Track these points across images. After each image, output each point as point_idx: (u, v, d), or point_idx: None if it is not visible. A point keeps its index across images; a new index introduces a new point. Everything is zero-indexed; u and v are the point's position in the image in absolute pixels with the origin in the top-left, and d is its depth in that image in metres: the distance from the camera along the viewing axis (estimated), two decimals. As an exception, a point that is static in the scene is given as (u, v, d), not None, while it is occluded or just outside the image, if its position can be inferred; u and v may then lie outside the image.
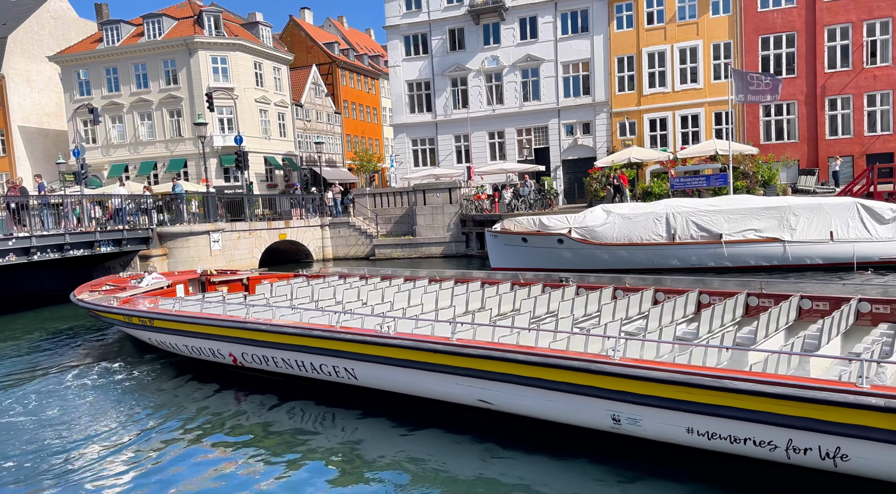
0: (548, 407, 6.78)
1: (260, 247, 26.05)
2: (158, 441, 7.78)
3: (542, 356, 6.59)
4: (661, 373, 5.83)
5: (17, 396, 10.19)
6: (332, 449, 7.15)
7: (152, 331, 11.37)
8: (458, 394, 7.45)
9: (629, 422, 6.26)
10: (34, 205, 18.61)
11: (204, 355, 10.68)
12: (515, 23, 34.70)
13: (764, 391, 5.39)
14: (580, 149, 34.43)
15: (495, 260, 19.96)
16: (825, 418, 5.24)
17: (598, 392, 6.28)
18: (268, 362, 9.56)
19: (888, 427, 5.00)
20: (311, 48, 53.47)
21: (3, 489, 6.77)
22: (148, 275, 14.51)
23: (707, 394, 5.66)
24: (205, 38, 39.50)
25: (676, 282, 10.04)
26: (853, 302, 8.18)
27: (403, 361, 7.76)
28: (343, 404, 8.55)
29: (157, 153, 41.17)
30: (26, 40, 45.21)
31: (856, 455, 5.27)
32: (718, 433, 5.79)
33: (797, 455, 5.51)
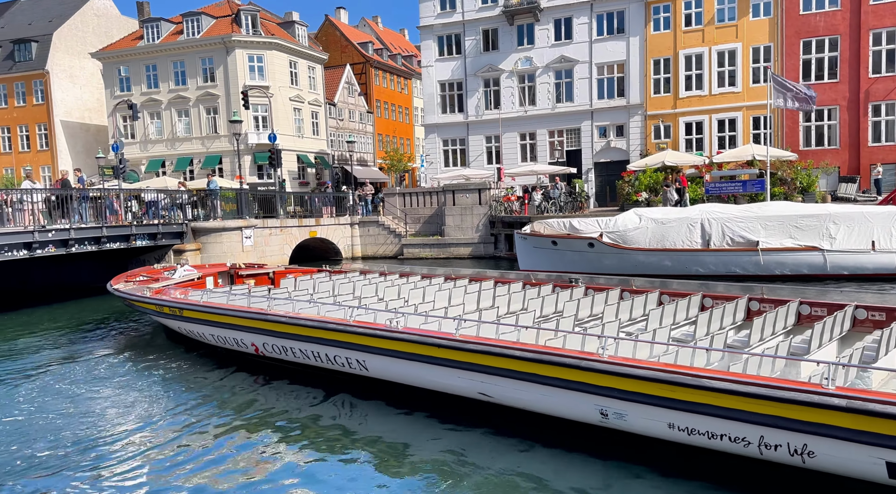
0: (542, 401, 7.19)
1: (291, 244, 26.33)
2: (185, 425, 8.21)
3: (536, 352, 6.97)
4: (645, 371, 6.23)
5: (56, 380, 10.51)
6: (344, 436, 7.59)
7: (181, 321, 11.90)
8: (460, 387, 7.93)
9: (616, 417, 6.63)
10: (75, 198, 19.09)
11: (228, 344, 11.19)
12: (550, 23, 34.46)
13: (737, 390, 5.75)
14: (613, 152, 34.02)
15: (524, 262, 19.82)
16: (793, 416, 5.59)
17: (587, 387, 6.65)
18: (286, 352, 10.05)
19: (850, 426, 5.35)
20: (345, 48, 53.90)
21: (41, 473, 6.95)
22: (180, 267, 15.10)
23: (686, 392, 6.03)
24: (242, 36, 40.11)
25: (682, 286, 10.26)
26: (849, 308, 8.42)
27: (410, 354, 8.20)
28: (355, 394, 8.98)
29: (194, 149, 41.94)
30: (70, 37, 46.50)
31: (821, 452, 5.62)
32: (697, 429, 6.16)
33: (768, 451, 5.88)
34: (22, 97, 45.79)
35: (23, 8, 51.00)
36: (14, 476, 6.97)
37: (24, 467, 7.19)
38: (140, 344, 13.33)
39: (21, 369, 11.65)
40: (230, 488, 6.40)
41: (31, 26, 47.61)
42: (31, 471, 7.05)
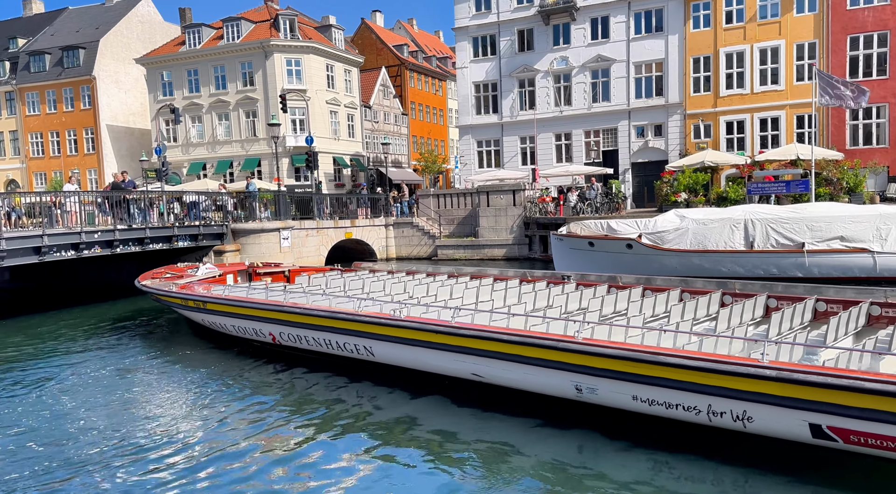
0: (526, 379, 8.19)
1: (327, 245, 26.63)
2: (214, 408, 9.01)
3: (521, 336, 8.02)
4: (611, 350, 7.21)
5: (94, 370, 10.86)
6: (356, 415, 8.58)
7: (205, 313, 12.94)
8: (456, 369, 8.91)
9: (589, 391, 7.61)
10: (122, 200, 19.64)
11: (248, 334, 12.21)
12: (586, 23, 34.11)
13: (688, 364, 6.69)
14: (651, 152, 33.48)
15: (560, 263, 19.63)
16: (734, 387, 6.51)
17: (564, 366, 7.62)
18: (301, 341, 11.08)
19: (779, 394, 6.27)
20: (380, 50, 54.30)
21: (81, 458, 7.18)
22: (202, 266, 16.22)
23: (645, 367, 6.98)
24: (280, 40, 40.77)
25: (665, 282, 11.22)
26: (864, 305, 8.90)
27: (412, 340, 9.18)
28: (364, 378, 9.97)
29: (233, 152, 42.79)
30: (116, 43, 47.96)
31: (758, 417, 6.53)
32: (657, 400, 7.11)
33: (716, 418, 6.80)
34: (70, 102, 47.39)
35: (71, 16, 52.81)
36: (61, 468, 7.20)
37: (68, 457, 7.42)
38: (169, 336, 14.26)
39: (63, 364, 12.04)
40: (266, 466, 7.06)
41: (79, 33, 49.25)
42: (75, 460, 7.29)
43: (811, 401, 6.16)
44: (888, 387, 5.74)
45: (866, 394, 5.87)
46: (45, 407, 9.49)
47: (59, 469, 7.17)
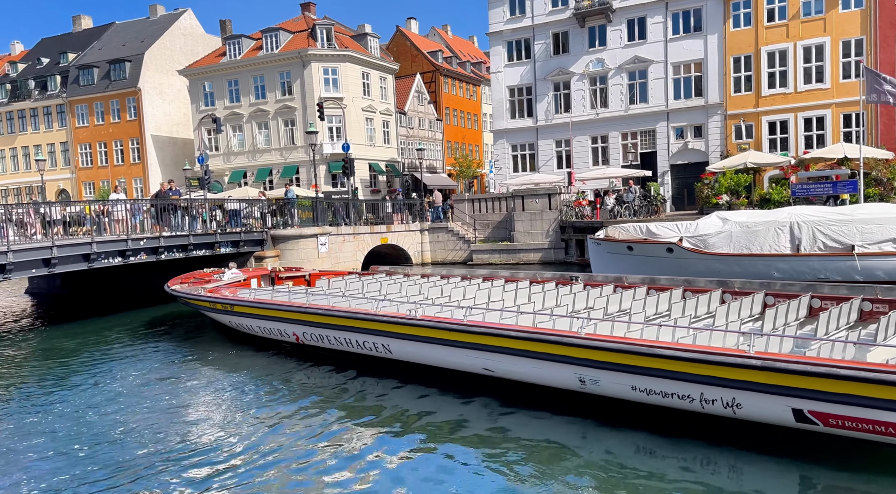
0: (534, 372, 8.76)
1: (363, 250, 26.87)
2: (247, 405, 9.48)
3: (529, 332, 8.58)
4: (611, 344, 7.77)
5: (134, 371, 11.19)
6: (373, 408, 9.18)
7: (232, 315, 13.64)
8: (468, 364, 9.47)
9: (591, 383, 8.19)
10: (167, 208, 20.21)
11: (273, 335, 12.89)
12: (623, 24, 33.74)
13: (681, 356, 7.24)
14: (691, 154, 32.87)
15: (597, 268, 19.37)
16: (724, 376, 7.03)
17: (569, 359, 8.20)
18: (323, 340, 11.73)
19: (765, 381, 6.79)
20: (415, 57, 54.69)
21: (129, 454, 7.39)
22: (228, 271, 16.87)
23: (642, 359, 7.54)
24: (317, 50, 41.43)
25: (669, 282, 11.66)
26: (855, 301, 9.35)
27: (426, 338, 9.78)
28: (382, 374, 10.57)
29: (273, 160, 43.60)
30: (160, 56, 49.44)
31: (746, 404, 7.07)
32: (653, 389, 7.66)
33: (707, 405, 7.36)
34: (116, 114, 49.03)
35: (118, 30, 54.70)
36: (109, 470, 7.42)
37: (117, 460, 7.65)
38: (206, 339, 14.68)
39: (111, 367, 12.43)
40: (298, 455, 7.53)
41: (125, 47, 50.96)
42: (125, 459, 7.51)
43: (793, 388, 6.69)
44: (861, 374, 6.29)
45: (842, 381, 6.40)
46: (95, 409, 9.81)
47: (106, 471, 7.40)
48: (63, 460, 7.74)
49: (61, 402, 10.22)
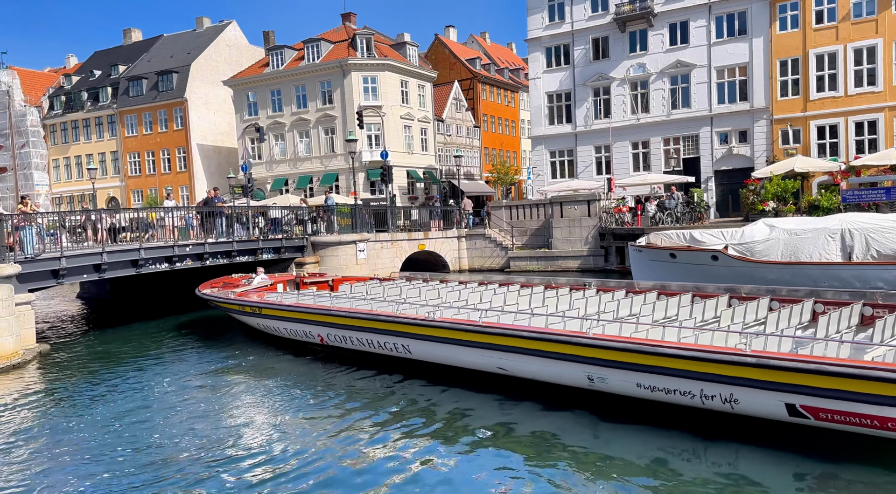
0: (545, 371, 9.31)
1: (401, 256, 27.02)
2: (279, 407, 9.93)
3: (541, 332, 9.18)
4: (617, 343, 8.29)
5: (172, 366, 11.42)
6: (396, 405, 9.78)
7: (260, 317, 14.38)
8: (484, 363, 10.06)
9: (599, 380, 8.74)
10: (212, 214, 20.71)
11: (298, 336, 13.59)
12: (664, 28, 33.25)
13: (682, 354, 7.71)
14: (735, 159, 32.10)
15: (639, 275, 19.03)
16: (722, 373, 7.52)
17: (578, 358, 8.73)
18: (346, 341, 12.38)
19: (760, 378, 7.28)
20: (453, 65, 54.93)
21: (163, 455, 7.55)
22: (256, 276, 17.64)
23: (647, 358, 8.05)
24: (357, 59, 42.00)
25: (679, 288, 12.09)
26: (856, 306, 9.69)
27: (444, 339, 10.35)
28: (402, 373, 11.16)
29: (313, 168, 44.31)
30: (206, 67, 50.84)
31: (743, 399, 7.56)
32: (657, 386, 8.17)
33: (707, 401, 7.87)
34: (164, 123, 50.59)
35: (166, 42, 56.51)
36: (153, 471, 7.60)
37: (162, 459, 7.84)
38: (239, 342, 15.04)
39: (155, 370, 12.76)
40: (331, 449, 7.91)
41: (173, 58, 52.60)
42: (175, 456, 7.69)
43: (787, 384, 7.16)
44: (848, 371, 6.77)
45: (831, 377, 6.86)
46: (138, 413, 10.08)
47: (151, 474, 7.58)
48: (108, 463, 7.96)
49: (106, 405, 10.54)
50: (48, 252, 15.94)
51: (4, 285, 13.14)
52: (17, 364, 13.00)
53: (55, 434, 9.05)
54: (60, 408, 10.34)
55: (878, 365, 6.79)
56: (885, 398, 6.64)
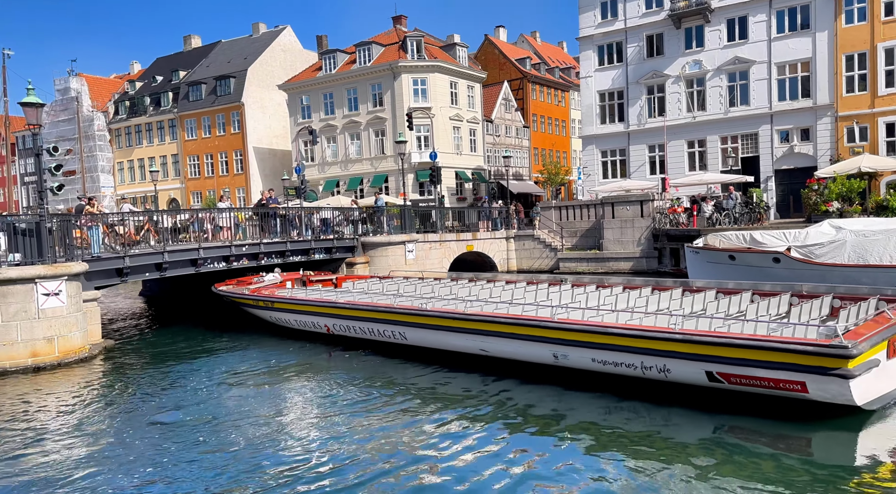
0: (519, 351, 11.05)
1: (449, 257, 27.06)
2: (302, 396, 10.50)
3: (515, 318, 10.96)
4: (576, 326, 10.11)
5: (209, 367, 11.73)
6: (397, 383, 11.32)
7: (273, 311, 16.17)
8: (468, 346, 11.82)
9: (563, 357, 10.44)
10: (267, 215, 21.24)
11: (307, 327, 15.35)
12: (722, 24, 32.25)
13: (626, 332, 9.48)
14: (797, 158, 30.85)
15: (696, 278, 18.50)
16: (657, 347, 9.21)
17: (545, 339, 10.47)
18: (350, 330, 14.16)
19: (685, 351, 8.92)
20: (503, 65, 54.72)
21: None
22: (267, 275, 19.01)
23: (597, 337, 9.78)
24: (407, 61, 42.34)
25: (643, 282, 13.76)
26: (826, 298, 10.91)
27: (435, 326, 12.12)
28: (400, 357, 12.84)
29: (364, 169, 44.91)
30: (261, 72, 52.22)
31: (674, 369, 9.20)
32: (607, 360, 9.84)
33: (647, 371, 9.47)
34: (222, 127, 52.21)
35: (224, 48, 58.33)
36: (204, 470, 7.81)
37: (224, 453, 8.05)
38: (280, 340, 15.40)
39: (207, 370, 13.15)
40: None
41: (230, 64, 54.24)
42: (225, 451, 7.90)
43: (706, 355, 8.78)
44: (750, 342, 8.40)
45: (738, 348, 8.47)
46: (196, 407, 10.38)
47: (209, 468, 7.79)
48: (168, 456, 8.23)
49: (168, 399, 10.91)
50: (112, 251, 16.66)
51: (73, 282, 13.79)
52: (83, 358, 13.62)
53: (116, 426, 9.42)
54: (123, 402, 10.77)
55: (766, 338, 8.51)
56: (775, 363, 8.24)
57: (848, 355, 7.69)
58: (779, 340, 8.27)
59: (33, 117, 14.28)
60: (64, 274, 13.44)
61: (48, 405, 10.70)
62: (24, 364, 12.79)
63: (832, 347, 7.78)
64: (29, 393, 11.41)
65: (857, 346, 7.73)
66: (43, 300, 13.10)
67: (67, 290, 13.52)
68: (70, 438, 8.90)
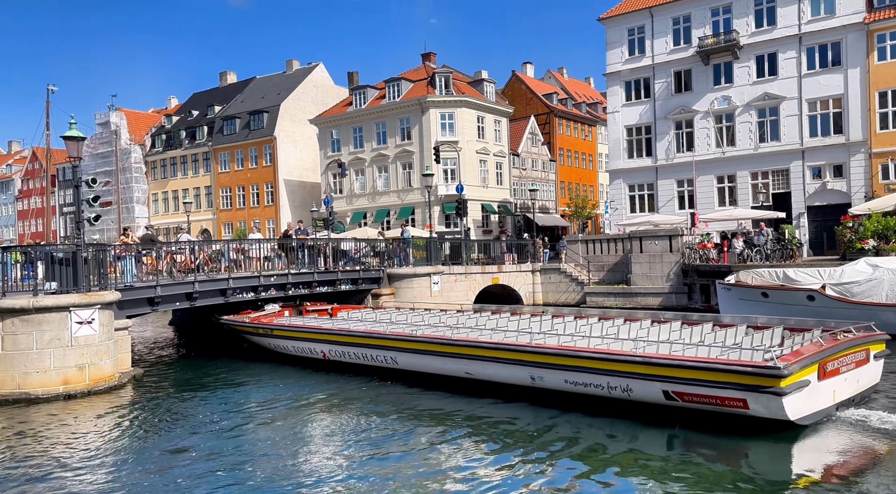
0: (500, 373, 12.08)
1: (474, 289, 26.97)
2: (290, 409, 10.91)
3: (496, 343, 12.19)
4: (549, 350, 11.25)
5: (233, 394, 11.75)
6: (385, 406, 12.20)
7: (271, 338, 17.06)
8: (454, 370, 12.81)
9: (539, 379, 11.48)
10: (295, 246, 21.49)
11: (304, 353, 16.20)
12: (751, 60, 32.23)
13: (592, 356, 10.60)
14: (830, 195, 30.32)
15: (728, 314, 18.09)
16: (621, 369, 10.25)
17: (524, 363, 11.53)
18: (345, 355, 14.99)
19: (645, 372, 9.96)
20: (530, 100, 55.30)
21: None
22: (268, 306, 19.77)
23: (569, 360, 10.85)
24: (435, 96, 43.06)
25: (618, 313, 15.03)
26: (776, 329, 11.87)
27: (424, 351, 13.16)
28: (391, 381, 13.85)
29: (391, 202, 45.38)
30: (294, 107, 53.55)
31: (636, 388, 10.21)
32: (577, 381, 10.86)
33: (612, 391, 10.45)
34: (254, 160, 53.43)
35: (258, 84, 60.07)
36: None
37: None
38: (297, 371, 15.09)
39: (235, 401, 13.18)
40: None
41: (264, 99, 55.75)
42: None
43: (662, 376, 9.80)
44: (699, 364, 9.55)
45: (688, 369, 9.57)
46: (222, 437, 10.39)
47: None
48: (193, 484, 8.23)
49: (193, 429, 10.95)
50: (144, 281, 16.98)
51: (106, 311, 14.05)
52: (113, 386, 13.77)
53: (138, 457, 9.46)
54: (147, 433, 10.83)
55: (712, 360, 9.72)
56: (720, 382, 9.25)
57: (780, 375, 8.70)
58: (723, 362, 9.50)
59: (74, 150, 14.79)
60: (97, 302, 13.72)
61: (76, 433, 10.80)
62: (56, 391, 12.99)
63: (767, 368, 8.83)
64: (59, 420, 11.55)
65: (788, 367, 8.75)
66: (76, 328, 13.34)
67: (100, 319, 13.76)
68: (93, 470, 8.94)
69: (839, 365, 9.63)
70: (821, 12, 30.54)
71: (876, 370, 10.69)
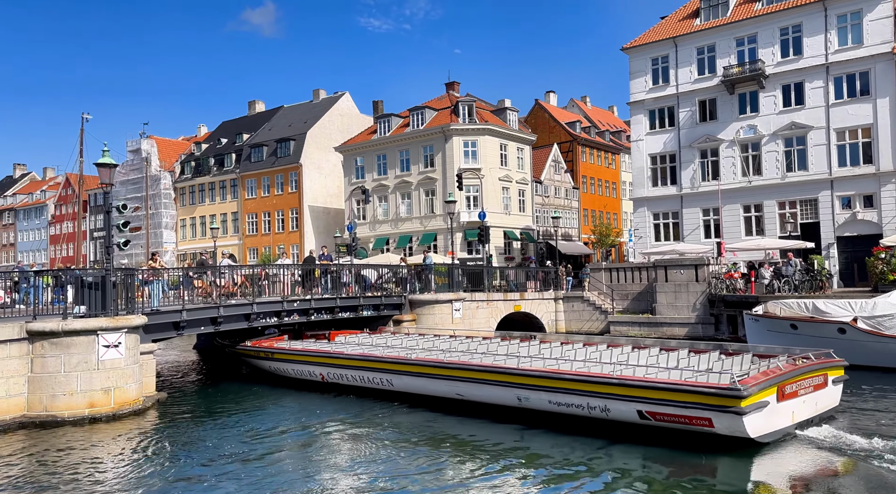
0: (489, 394, 12.86)
1: (496, 316, 26.81)
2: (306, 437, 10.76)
3: (486, 366, 12.95)
4: (536, 373, 12.07)
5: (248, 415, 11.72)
6: (385, 428, 12.82)
7: (272, 361, 17.93)
8: (445, 391, 13.60)
9: (525, 400, 12.29)
10: (318, 272, 21.65)
11: (303, 375, 16.98)
12: (777, 90, 32.04)
13: (573, 378, 11.54)
14: (860, 225, 29.72)
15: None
16: (599, 391, 11.15)
17: (511, 384, 12.37)
18: (342, 378, 15.77)
19: (621, 393, 10.85)
20: (553, 128, 55.52)
21: None
22: (267, 331, 20.54)
23: (552, 382, 11.74)
24: (459, 125, 43.48)
25: (600, 339, 15.94)
26: (746, 355, 12.54)
27: (418, 373, 13.98)
28: (387, 401, 14.60)
29: (413, 228, 45.61)
30: (320, 134, 54.47)
31: (613, 408, 11.08)
32: (560, 402, 11.70)
33: (593, 411, 11.31)
34: (280, 187, 54.28)
35: (286, 112, 61.32)
36: None
37: None
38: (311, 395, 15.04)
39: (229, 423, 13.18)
40: None
41: (291, 127, 56.84)
42: None
43: (636, 396, 10.57)
44: (669, 385, 10.32)
45: (662, 391, 10.30)
46: (243, 462, 10.38)
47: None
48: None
49: (216, 453, 10.96)
50: (170, 305, 17.21)
51: (132, 335, 14.25)
52: (137, 410, 13.88)
53: (162, 481, 9.48)
54: (172, 455, 10.87)
55: (681, 382, 10.48)
56: (687, 403, 10.01)
57: (741, 396, 9.53)
58: (690, 384, 10.33)
59: (106, 177, 15.19)
60: (124, 326, 13.92)
61: (99, 457, 10.87)
62: (81, 414, 13.13)
63: (729, 390, 9.66)
64: (83, 444, 11.65)
65: (748, 389, 9.58)
66: (103, 351, 13.53)
67: (126, 342, 13.95)
68: (118, 491, 8.99)
69: (797, 388, 10.40)
70: (848, 42, 30.34)
71: (835, 393, 11.47)
